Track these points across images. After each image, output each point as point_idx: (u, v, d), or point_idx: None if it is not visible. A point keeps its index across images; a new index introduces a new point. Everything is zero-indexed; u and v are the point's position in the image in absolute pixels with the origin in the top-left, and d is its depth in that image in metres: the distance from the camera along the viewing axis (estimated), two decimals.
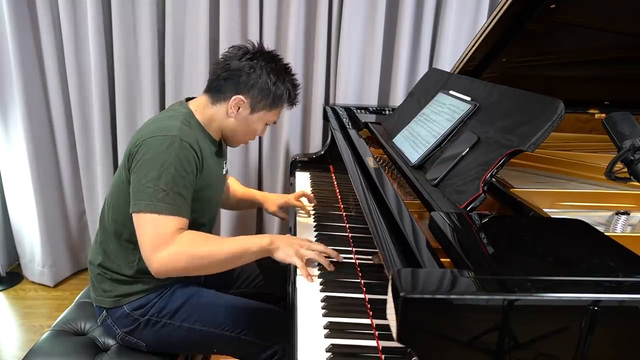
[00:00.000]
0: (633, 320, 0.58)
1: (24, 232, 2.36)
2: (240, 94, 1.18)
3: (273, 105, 1.22)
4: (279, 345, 1.17)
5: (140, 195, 1.06)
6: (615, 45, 1.36)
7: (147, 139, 1.09)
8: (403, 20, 2.00)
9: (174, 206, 1.07)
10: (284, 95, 1.22)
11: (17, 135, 2.18)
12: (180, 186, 1.08)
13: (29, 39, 2.07)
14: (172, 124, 1.13)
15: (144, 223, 1.06)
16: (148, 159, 1.08)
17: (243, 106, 1.19)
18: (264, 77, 1.18)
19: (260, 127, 1.26)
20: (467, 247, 0.69)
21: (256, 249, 1.11)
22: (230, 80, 1.18)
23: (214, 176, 1.25)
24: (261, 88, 1.18)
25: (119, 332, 1.20)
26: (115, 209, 1.19)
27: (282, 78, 1.21)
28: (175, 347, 1.23)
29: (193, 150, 1.11)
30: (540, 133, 0.83)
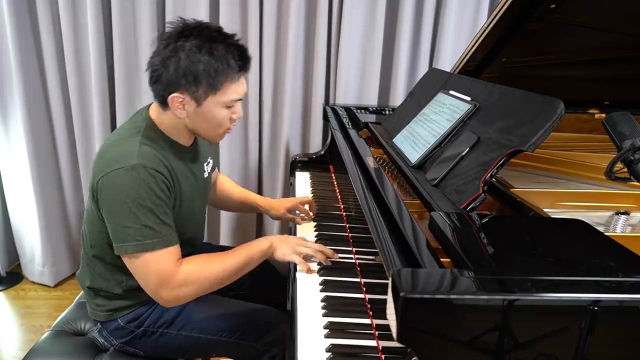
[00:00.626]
0: (633, 320, 0.58)
1: (24, 232, 2.36)
2: (173, 93, 1.02)
3: (216, 84, 1.02)
4: (278, 348, 1.17)
5: (123, 237, 1.00)
6: (615, 45, 1.36)
7: (107, 174, 1.00)
8: (403, 20, 2.00)
9: (164, 239, 1.02)
10: (220, 67, 1.01)
11: (17, 135, 2.18)
12: (161, 215, 1.02)
13: (29, 39, 2.07)
14: (129, 149, 1.01)
15: (139, 264, 1.02)
16: (116, 198, 1.00)
17: (185, 102, 1.04)
18: (185, 63, 0.99)
19: (223, 113, 1.07)
20: (467, 247, 0.69)
21: (258, 255, 1.14)
22: (157, 83, 1.04)
23: (194, 188, 1.18)
24: (189, 75, 1.00)
25: (115, 342, 1.20)
26: (92, 236, 1.14)
27: (209, 50, 1.00)
28: (174, 354, 1.22)
29: (160, 174, 1.02)
30: (540, 133, 0.83)
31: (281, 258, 1.16)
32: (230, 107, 1.08)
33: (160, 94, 1.05)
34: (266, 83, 2.12)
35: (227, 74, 1.03)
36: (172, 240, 1.04)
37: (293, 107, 2.14)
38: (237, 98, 1.08)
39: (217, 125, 1.10)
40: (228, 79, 1.03)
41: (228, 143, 2.18)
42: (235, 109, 1.11)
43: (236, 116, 1.12)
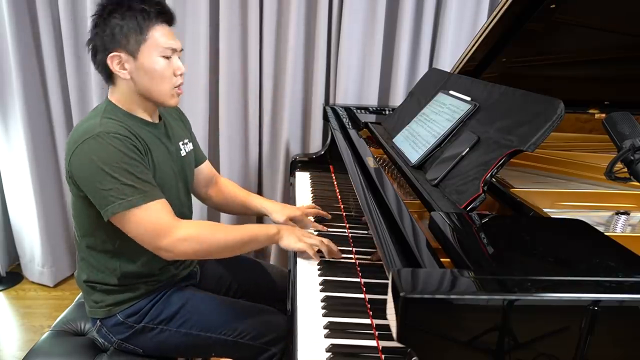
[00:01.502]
0: (633, 320, 0.58)
1: (24, 232, 2.36)
2: (108, 55, 1.09)
3: (142, 31, 1.08)
4: (277, 347, 1.17)
5: (106, 201, 1.02)
6: (615, 45, 1.36)
7: (75, 150, 1.04)
8: (403, 21, 2.00)
9: (146, 194, 1.04)
10: (139, 15, 1.08)
11: (17, 135, 2.18)
12: (137, 173, 1.05)
13: (29, 39, 2.07)
14: (91, 125, 1.06)
15: (132, 223, 1.04)
16: (89, 167, 1.03)
17: (123, 60, 1.09)
18: (112, 21, 1.07)
19: (161, 63, 1.11)
20: (467, 247, 0.69)
21: (263, 237, 1.18)
22: (96, 54, 1.11)
23: (168, 160, 1.19)
24: (118, 30, 1.07)
25: (114, 340, 1.20)
26: (80, 225, 1.16)
27: (128, 6, 1.08)
28: (173, 352, 1.22)
29: (125, 137, 1.05)
30: (540, 133, 0.83)
31: (287, 246, 1.19)
32: (167, 57, 1.12)
33: (102, 64, 1.11)
34: (266, 83, 2.12)
35: (148, 20, 1.09)
36: (156, 195, 1.07)
37: (293, 107, 2.14)
38: (170, 46, 1.12)
39: (159, 77, 1.12)
40: (151, 24, 1.09)
41: (228, 143, 2.18)
42: (176, 63, 1.14)
43: (180, 71, 1.15)
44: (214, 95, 2.16)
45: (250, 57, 2.08)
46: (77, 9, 2.05)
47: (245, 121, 2.19)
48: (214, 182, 1.51)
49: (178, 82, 1.15)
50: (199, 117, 2.11)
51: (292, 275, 1.17)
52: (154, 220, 1.05)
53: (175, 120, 1.31)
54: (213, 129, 2.21)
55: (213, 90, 2.15)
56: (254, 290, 1.43)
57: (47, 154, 2.24)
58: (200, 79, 2.06)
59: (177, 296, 1.22)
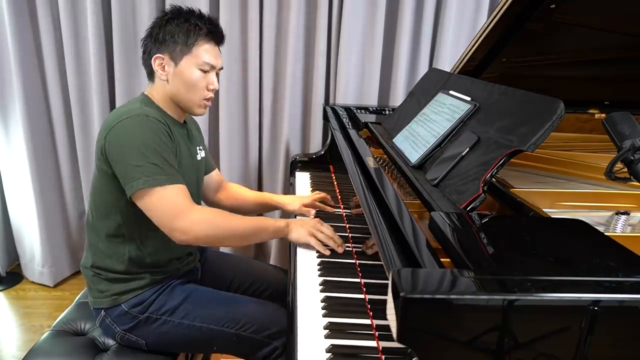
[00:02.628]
0: (633, 320, 0.58)
1: (24, 232, 2.37)
2: (155, 55, 1.19)
3: (189, 43, 1.19)
4: (279, 341, 1.17)
5: (133, 176, 1.07)
6: (615, 45, 1.36)
7: (113, 127, 1.10)
8: (403, 21, 2.00)
9: (171, 177, 1.10)
10: (192, 28, 1.19)
11: (17, 135, 2.18)
12: (167, 157, 1.11)
13: (29, 39, 2.07)
14: (132, 108, 1.14)
15: (154, 200, 1.09)
16: (124, 143, 1.09)
17: (165, 63, 1.20)
18: (167, 27, 1.18)
19: (197, 75, 1.20)
20: (467, 247, 0.69)
21: (273, 229, 1.22)
22: (146, 53, 1.22)
23: (186, 158, 1.25)
24: (169, 37, 1.18)
25: (118, 330, 1.20)
26: (97, 205, 1.20)
27: (183, 17, 1.19)
28: (175, 344, 1.23)
29: (162, 124, 1.13)
30: (540, 133, 0.83)
31: (296, 239, 1.24)
32: (205, 71, 1.21)
33: (147, 63, 1.22)
34: (266, 83, 2.12)
35: (197, 35, 1.19)
36: (179, 180, 1.12)
37: (293, 107, 2.14)
38: (210, 63, 1.21)
39: (192, 87, 1.21)
40: (199, 39, 1.19)
41: (228, 143, 2.18)
42: (211, 78, 1.23)
43: (212, 87, 1.24)
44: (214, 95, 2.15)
45: (250, 57, 2.08)
46: (77, 9, 2.05)
47: (245, 121, 2.19)
48: (223, 187, 1.57)
49: (208, 95, 1.24)
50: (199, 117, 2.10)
51: (292, 276, 1.17)
52: (174, 200, 1.10)
53: (193, 127, 1.39)
54: (213, 129, 2.21)
55: None
56: (254, 290, 1.44)
57: (47, 154, 2.24)
58: None
59: (181, 288, 1.24)
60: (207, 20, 1.21)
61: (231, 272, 1.44)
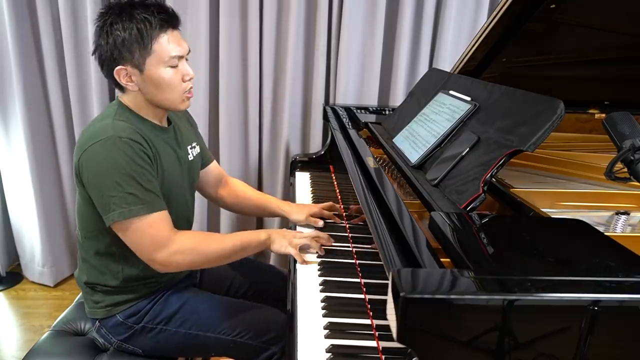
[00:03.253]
0: (633, 320, 0.58)
1: (24, 232, 2.36)
2: (115, 68, 1.07)
3: (146, 44, 1.05)
4: (277, 346, 1.17)
5: (109, 206, 1.02)
6: (615, 45, 1.36)
7: (85, 151, 1.04)
8: (403, 20, 2.00)
9: (148, 205, 1.04)
10: (143, 26, 1.04)
11: (17, 135, 2.18)
12: (143, 182, 1.04)
13: (29, 39, 2.07)
14: (104, 126, 1.05)
15: (131, 232, 1.05)
16: (97, 171, 1.03)
17: (130, 72, 1.08)
18: (114, 35, 1.04)
19: (168, 73, 1.09)
20: (467, 247, 0.69)
21: (255, 243, 1.19)
22: (102, 65, 1.10)
23: (176, 166, 1.19)
24: (121, 45, 1.04)
25: (114, 340, 1.20)
26: (84, 226, 1.16)
27: (129, 15, 1.05)
28: (173, 352, 1.22)
29: (137, 143, 1.05)
30: (540, 133, 0.83)
31: (277, 250, 1.20)
32: (174, 66, 1.09)
33: (110, 75, 1.09)
34: (266, 83, 2.12)
35: (151, 30, 1.05)
36: (158, 207, 1.06)
37: (293, 107, 2.14)
38: (176, 55, 1.09)
39: (168, 87, 1.10)
40: (155, 34, 1.06)
41: (228, 143, 2.18)
42: (183, 69, 1.11)
43: (188, 76, 1.12)
44: (214, 95, 2.16)
45: (250, 57, 2.08)
46: (77, 9, 2.04)
47: (245, 121, 2.19)
48: (224, 182, 1.49)
49: (187, 87, 1.14)
50: (199, 117, 2.11)
51: (292, 276, 1.16)
52: (151, 232, 1.05)
53: (183, 123, 1.30)
54: (213, 129, 2.21)
55: (213, 90, 2.15)
56: (254, 290, 1.43)
57: (47, 154, 2.24)
58: (200, 79, 2.06)
59: (176, 296, 1.22)
60: (153, 9, 1.07)
61: (231, 274, 1.44)
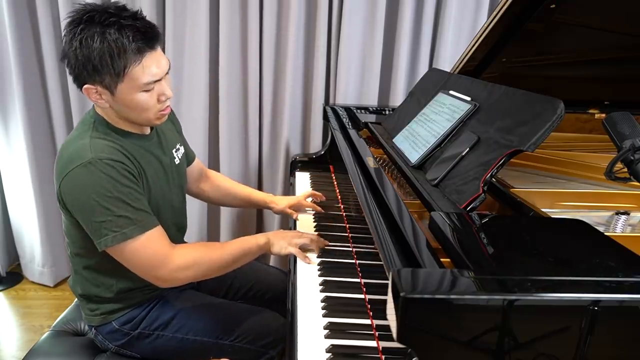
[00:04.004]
0: (633, 320, 0.58)
1: (24, 232, 2.36)
2: (84, 85, 0.99)
3: (118, 71, 0.96)
4: (275, 350, 1.17)
5: (100, 232, 0.98)
6: (615, 45, 1.36)
7: (66, 176, 0.98)
8: (403, 20, 2.00)
9: (141, 224, 1.00)
10: (116, 52, 0.94)
11: (17, 135, 2.18)
12: (132, 202, 0.99)
13: (29, 39, 2.07)
14: (82, 146, 0.99)
15: (128, 254, 1.02)
16: (81, 197, 0.98)
17: (99, 92, 1.00)
18: (81, 54, 0.94)
19: (143, 97, 1.00)
20: (467, 247, 0.69)
21: (255, 248, 1.18)
22: (73, 78, 1.01)
23: (161, 173, 1.16)
24: (88, 65, 0.95)
25: (111, 346, 1.19)
26: (74, 244, 1.13)
27: (101, 36, 0.93)
28: (170, 357, 1.22)
29: (119, 162, 0.99)
30: (540, 133, 0.83)
31: (278, 252, 1.20)
32: (149, 90, 1.01)
33: (80, 86, 1.01)
34: (266, 83, 2.12)
35: (126, 59, 0.95)
36: (151, 224, 1.03)
37: (293, 107, 2.14)
38: (152, 79, 1.00)
39: (142, 110, 1.02)
40: (130, 63, 0.96)
41: (228, 143, 2.18)
42: (160, 89, 1.03)
43: (164, 97, 1.04)
44: (214, 96, 2.16)
45: (250, 57, 2.08)
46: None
47: (245, 121, 2.19)
48: (205, 176, 1.51)
49: (163, 107, 1.06)
50: (199, 117, 2.11)
51: (292, 276, 1.17)
52: (149, 252, 1.02)
53: (166, 124, 1.24)
54: (213, 129, 2.21)
55: (213, 90, 2.14)
56: (254, 291, 1.43)
57: (47, 154, 2.24)
58: (200, 79, 2.06)
59: (173, 302, 1.22)
60: (128, 32, 0.95)
61: (230, 275, 1.42)
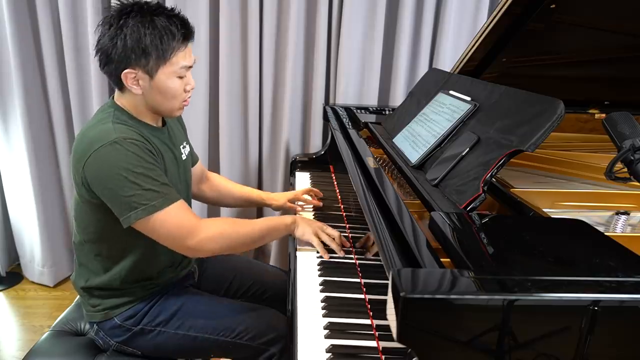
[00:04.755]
0: (633, 320, 0.58)
1: (24, 232, 2.36)
2: (125, 69, 1.06)
3: (165, 54, 1.07)
4: (276, 347, 1.17)
5: (130, 206, 1.02)
6: (615, 45, 1.36)
7: (91, 156, 1.02)
8: (403, 20, 2.00)
9: (167, 197, 1.05)
10: (165, 37, 1.05)
11: (17, 135, 2.18)
12: (157, 176, 1.05)
13: (29, 39, 2.07)
14: (105, 129, 1.05)
15: (153, 226, 1.05)
16: (108, 174, 1.02)
17: (138, 77, 1.07)
18: (132, 38, 1.03)
19: (176, 83, 1.10)
20: (467, 247, 0.69)
21: (282, 227, 1.23)
22: (108, 64, 1.07)
23: (175, 165, 1.21)
24: (137, 49, 1.04)
25: (112, 343, 1.19)
26: (84, 231, 1.15)
27: (152, 23, 1.04)
28: (171, 353, 1.22)
29: (141, 142, 1.06)
30: (541, 133, 0.83)
31: (300, 236, 1.23)
32: (182, 77, 1.12)
33: (114, 73, 1.08)
34: (266, 83, 2.12)
35: (173, 43, 1.07)
36: (176, 197, 1.08)
37: (293, 107, 2.14)
38: (187, 65, 1.11)
39: (172, 96, 1.12)
40: (175, 47, 1.07)
41: (228, 143, 2.18)
42: (187, 79, 1.14)
43: (190, 87, 1.15)
44: (214, 96, 2.16)
45: (250, 57, 2.08)
46: (77, 9, 2.04)
47: (245, 121, 2.19)
48: (205, 177, 1.54)
49: (187, 97, 1.16)
50: (199, 117, 2.11)
51: (292, 276, 1.17)
52: (178, 221, 1.06)
53: (174, 123, 1.31)
54: (213, 129, 2.21)
55: (213, 90, 2.15)
56: (253, 290, 1.43)
57: (47, 154, 2.24)
58: (200, 78, 2.06)
59: (175, 298, 1.22)
60: (176, 21, 1.08)
61: (231, 274, 1.43)
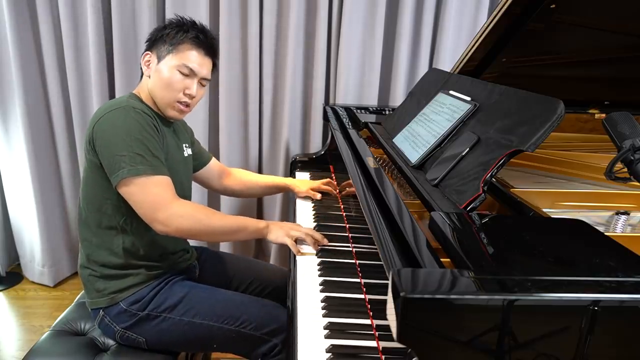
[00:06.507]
0: (633, 320, 0.58)
1: (24, 232, 2.36)
2: (145, 52, 1.26)
3: (176, 45, 1.22)
4: (278, 338, 1.17)
5: (118, 165, 1.10)
6: (615, 45, 1.36)
7: (101, 118, 1.14)
8: (403, 21, 2.00)
9: (154, 166, 1.12)
10: (183, 34, 1.23)
11: (17, 135, 2.18)
12: (151, 148, 1.13)
13: (29, 39, 2.07)
14: (118, 100, 1.19)
15: (134, 188, 1.11)
16: (111, 134, 1.12)
17: (150, 60, 1.25)
18: (164, 31, 1.24)
19: (176, 76, 1.22)
20: (467, 247, 0.69)
21: (253, 229, 1.25)
22: (149, 43, 1.28)
23: (174, 150, 1.29)
24: (159, 37, 1.24)
25: (117, 329, 1.20)
26: (89, 198, 1.21)
27: (176, 21, 1.25)
28: (175, 342, 1.23)
29: (148, 116, 1.16)
30: (540, 133, 0.83)
31: (274, 240, 1.26)
32: (184, 74, 1.22)
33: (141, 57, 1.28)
34: (266, 83, 2.12)
35: (184, 36, 1.22)
36: (162, 171, 1.14)
37: (293, 107, 2.14)
38: (190, 67, 1.22)
39: (166, 85, 1.22)
40: (185, 42, 1.22)
41: (228, 143, 2.18)
42: (190, 83, 1.24)
43: (189, 91, 1.24)
44: (214, 95, 2.16)
45: (250, 57, 2.08)
46: (77, 9, 2.04)
47: (245, 121, 2.19)
48: (227, 173, 1.62)
49: (182, 99, 1.24)
50: (199, 117, 2.11)
51: (292, 276, 1.17)
52: (155, 192, 1.12)
53: (181, 126, 1.41)
54: (213, 129, 2.21)
55: (213, 90, 2.15)
56: (254, 286, 1.44)
57: (47, 154, 2.24)
58: None
59: (180, 285, 1.25)
60: (200, 29, 1.25)
61: (231, 272, 1.45)
